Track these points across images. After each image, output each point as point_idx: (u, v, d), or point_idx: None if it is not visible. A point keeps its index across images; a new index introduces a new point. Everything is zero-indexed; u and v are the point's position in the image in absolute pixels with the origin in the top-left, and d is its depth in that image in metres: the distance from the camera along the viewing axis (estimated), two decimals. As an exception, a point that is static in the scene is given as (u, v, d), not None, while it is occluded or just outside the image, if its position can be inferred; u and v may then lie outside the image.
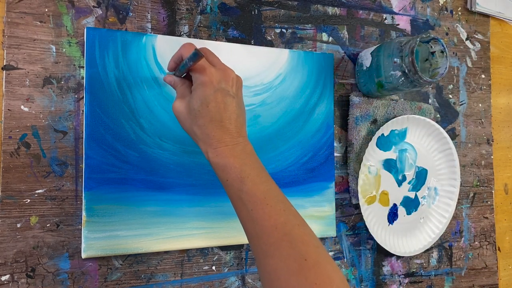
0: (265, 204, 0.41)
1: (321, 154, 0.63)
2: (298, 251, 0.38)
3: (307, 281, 0.37)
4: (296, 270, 0.37)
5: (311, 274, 0.37)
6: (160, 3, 0.56)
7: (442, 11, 0.75)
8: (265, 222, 0.40)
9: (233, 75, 0.46)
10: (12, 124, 0.49)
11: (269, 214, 0.40)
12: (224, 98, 0.44)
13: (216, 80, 0.44)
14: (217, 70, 0.45)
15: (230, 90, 0.45)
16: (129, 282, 0.53)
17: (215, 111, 0.43)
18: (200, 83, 0.44)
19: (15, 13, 0.49)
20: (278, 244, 0.39)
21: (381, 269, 0.68)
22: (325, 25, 0.66)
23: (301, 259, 0.38)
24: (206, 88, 0.44)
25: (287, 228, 0.40)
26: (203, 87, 0.44)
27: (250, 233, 0.42)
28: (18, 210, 0.49)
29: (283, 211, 0.41)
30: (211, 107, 0.43)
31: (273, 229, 0.40)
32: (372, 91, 0.64)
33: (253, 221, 0.41)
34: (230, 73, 0.46)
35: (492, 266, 0.77)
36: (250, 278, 0.59)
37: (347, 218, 0.66)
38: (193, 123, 0.45)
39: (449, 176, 0.71)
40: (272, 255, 0.39)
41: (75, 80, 0.52)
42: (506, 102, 0.81)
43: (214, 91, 0.44)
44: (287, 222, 0.40)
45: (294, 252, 0.38)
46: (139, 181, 0.53)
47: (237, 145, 0.44)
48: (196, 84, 0.45)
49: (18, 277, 0.48)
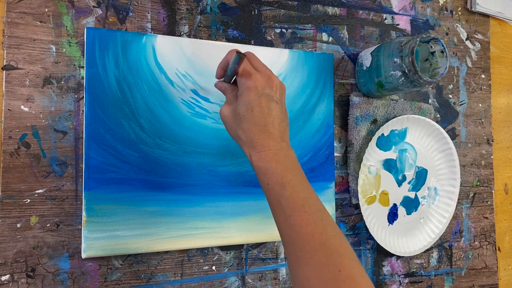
0: (304, 211, 0.41)
1: (321, 154, 0.63)
2: (333, 261, 0.38)
3: None
4: (330, 280, 0.37)
5: (345, 286, 0.37)
6: (160, 3, 0.56)
7: (442, 11, 0.75)
8: (302, 229, 0.40)
9: (277, 81, 0.47)
10: (12, 124, 0.49)
11: (306, 221, 0.40)
12: (268, 103, 0.45)
13: (260, 86, 0.45)
14: (262, 76, 0.46)
15: (274, 96, 0.46)
16: (129, 282, 0.53)
17: (259, 116, 0.44)
18: (245, 88, 0.45)
19: (15, 13, 0.49)
20: (314, 253, 0.39)
21: (381, 269, 0.68)
22: (325, 25, 0.66)
23: (336, 270, 0.38)
24: (251, 93, 0.45)
25: (324, 238, 0.40)
26: (248, 92, 0.45)
27: (287, 240, 0.42)
28: (18, 210, 0.49)
29: (321, 221, 0.41)
30: (256, 112, 0.44)
31: (310, 237, 0.40)
32: (372, 91, 0.64)
33: (291, 227, 0.41)
34: (274, 79, 0.47)
35: (492, 266, 0.77)
36: (250, 278, 0.59)
37: (347, 218, 0.66)
38: (238, 127, 0.46)
39: (449, 176, 0.71)
40: (306, 263, 0.39)
41: (75, 80, 0.52)
42: (506, 102, 0.81)
43: (259, 96, 0.45)
44: (324, 231, 0.40)
45: (328, 262, 0.38)
46: (139, 181, 0.53)
47: (280, 150, 0.44)
48: (241, 89, 0.46)
49: (18, 277, 0.48)
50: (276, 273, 0.61)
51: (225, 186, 0.57)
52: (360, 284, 0.37)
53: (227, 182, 0.57)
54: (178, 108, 0.55)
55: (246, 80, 0.45)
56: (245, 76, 0.46)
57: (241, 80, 0.46)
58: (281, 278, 0.61)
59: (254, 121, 0.44)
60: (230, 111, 0.47)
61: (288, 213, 0.41)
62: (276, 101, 0.46)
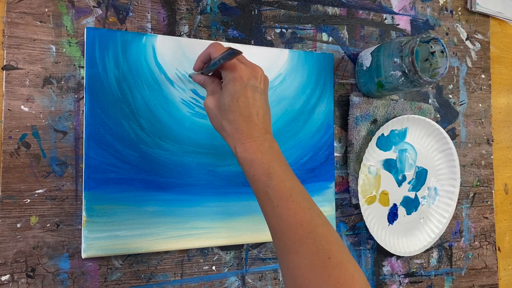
0: (291, 201, 0.41)
1: (321, 154, 0.63)
2: (322, 249, 0.39)
3: (330, 279, 0.37)
4: (320, 267, 0.38)
5: (334, 273, 0.37)
6: (160, 3, 0.56)
7: (442, 11, 0.75)
8: (291, 218, 0.40)
9: (261, 72, 0.47)
10: (12, 124, 0.49)
11: (294, 211, 0.41)
12: (253, 94, 0.45)
13: (246, 76, 0.45)
14: (246, 66, 0.46)
15: (259, 87, 0.46)
16: (129, 282, 0.53)
17: (245, 106, 0.44)
18: (230, 79, 0.45)
19: (15, 13, 0.49)
20: (303, 241, 0.39)
21: (381, 269, 0.68)
22: (325, 25, 0.66)
23: (325, 257, 0.38)
24: (236, 83, 0.45)
25: (312, 226, 0.40)
26: (233, 82, 0.45)
27: (275, 229, 0.42)
28: (18, 210, 0.49)
29: (308, 209, 0.41)
30: (241, 102, 0.44)
31: (298, 226, 0.40)
32: (372, 91, 0.64)
33: (278, 217, 0.41)
34: (259, 70, 0.47)
35: (492, 266, 0.77)
36: (250, 278, 0.59)
37: (347, 218, 0.66)
38: (223, 118, 0.46)
39: (449, 176, 0.71)
40: (296, 251, 0.39)
41: (75, 80, 0.52)
42: (506, 102, 0.81)
43: (244, 86, 0.45)
44: (312, 220, 0.41)
45: (318, 250, 0.39)
46: (139, 181, 0.53)
47: (265, 141, 0.45)
48: (226, 80, 0.46)
49: (18, 277, 0.48)
50: (276, 273, 0.61)
51: (225, 186, 0.57)
52: (350, 269, 0.38)
53: (227, 182, 0.57)
54: (178, 108, 0.55)
55: (231, 71, 0.45)
56: (229, 67, 0.46)
57: (226, 72, 0.46)
58: (281, 278, 0.61)
59: (239, 112, 0.44)
60: (214, 102, 0.47)
61: (276, 203, 0.41)
62: (260, 92, 0.46)
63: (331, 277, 0.37)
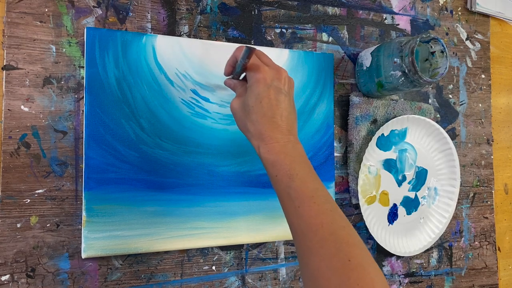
0: (313, 202, 0.41)
1: (321, 154, 0.63)
2: (343, 251, 0.39)
3: (350, 281, 0.37)
4: (340, 269, 0.38)
5: (354, 275, 0.37)
6: (160, 3, 0.56)
7: (442, 11, 0.75)
8: (312, 219, 0.40)
9: (285, 74, 0.48)
10: (12, 124, 0.49)
11: (316, 212, 0.41)
12: (276, 95, 0.45)
13: (269, 78, 0.46)
14: (270, 68, 0.47)
15: (283, 88, 0.46)
16: (129, 282, 0.53)
17: (268, 107, 0.45)
18: (254, 80, 0.46)
19: (15, 13, 0.49)
20: (323, 243, 0.39)
21: (381, 269, 0.68)
22: (325, 25, 0.66)
23: (345, 259, 0.38)
24: (260, 84, 0.45)
25: (333, 228, 0.40)
26: (257, 84, 0.45)
27: (296, 230, 0.42)
28: (18, 210, 0.49)
29: (330, 211, 0.41)
30: (264, 103, 0.45)
31: (319, 227, 0.40)
32: (372, 91, 0.64)
33: (300, 217, 0.41)
34: (283, 72, 0.47)
35: (492, 266, 0.77)
36: (250, 278, 0.59)
37: (347, 218, 0.66)
38: (247, 119, 0.46)
39: (449, 176, 0.71)
40: (316, 253, 0.39)
41: (75, 80, 0.52)
42: (506, 102, 0.81)
43: (267, 88, 0.45)
44: (333, 222, 0.41)
45: (338, 252, 0.39)
46: (139, 181, 0.53)
47: (288, 142, 0.45)
48: (250, 81, 0.46)
49: (18, 277, 0.48)
50: (276, 273, 0.61)
51: (225, 186, 0.57)
52: (370, 272, 0.38)
53: (227, 182, 0.57)
54: (178, 108, 0.55)
55: (255, 72, 0.46)
56: (254, 69, 0.46)
57: (250, 73, 0.47)
58: (281, 278, 0.61)
59: (262, 113, 0.45)
60: (239, 103, 0.48)
61: (297, 204, 0.41)
62: (284, 93, 0.46)
63: (350, 279, 0.37)
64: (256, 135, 0.45)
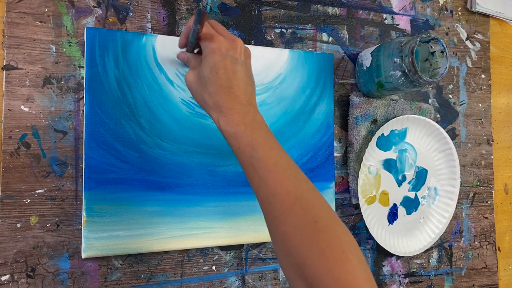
0: (277, 170, 0.41)
1: (321, 154, 0.63)
2: (310, 213, 0.39)
3: (318, 243, 0.37)
4: (308, 233, 0.38)
5: (322, 236, 0.37)
6: (160, 3, 0.56)
7: (442, 11, 0.75)
8: (277, 187, 0.40)
9: (241, 44, 0.47)
10: (12, 124, 0.49)
11: (280, 179, 0.41)
12: (233, 66, 0.45)
13: (224, 48, 0.45)
14: (225, 38, 0.46)
15: (239, 58, 0.46)
16: (129, 282, 0.53)
17: (225, 78, 0.44)
18: (209, 50, 0.45)
19: (15, 13, 0.49)
20: (290, 210, 0.39)
21: (381, 269, 0.68)
22: (325, 25, 0.66)
23: (312, 221, 0.38)
24: (215, 55, 0.45)
25: (299, 192, 0.40)
26: (212, 54, 0.45)
27: (262, 199, 0.42)
28: (18, 210, 0.49)
29: (294, 177, 0.41)
30: (221, 74, 0.44)
31: (285, 194, 0.40)
32: (372, 91, 0.64)
33: (265, 186, 0.41)
34: (238, 41, 0.47)
35: (492, 266, 0.77)
36: (250, 278, 0.59)
37: (347, 218, 0.66)
38: (204, 91, 0.45)
39: (449, 176, 0.71)
40: (284, 220, 0.39)
41: (75, 80, 0.52)
42: (506, 102, 0.81)
43: (223, 58, 0.45)
44: (298, 186, 0.41)
45: (306, 214, 0.39)
46: (139, 181, 0.53)
47: (248, 113, 0.44)
48: (205, 52, 0.46)
49: (18, 277, 0.48)
50: (276, 273, 0.61)
51: (225, 186, 0.57)
52: (337, 233, 0.38)
53: (227, 182, 0.57)
54: (178, 108, 0.55)
55: (210, 42, 0.45)
56: (208, 39, 0.45)
57: (205, 43, 0.46)
58: (281, 278, 0.61)
59: (219, 83, 0.44)
60: (194, 75, 0.47)
61: (262, 173, 0.41)
62: (241, 63, 0.46)
63: (319, 241, 0.37)
64: (215, 107, 0.45)
